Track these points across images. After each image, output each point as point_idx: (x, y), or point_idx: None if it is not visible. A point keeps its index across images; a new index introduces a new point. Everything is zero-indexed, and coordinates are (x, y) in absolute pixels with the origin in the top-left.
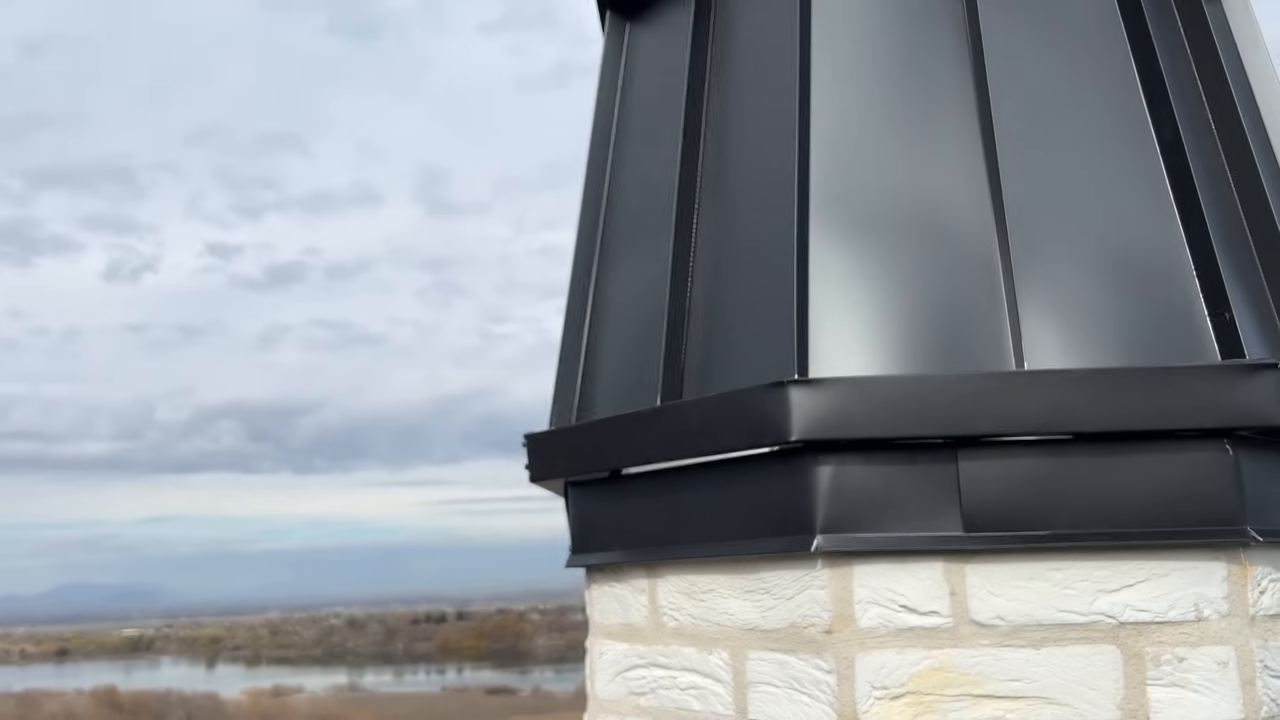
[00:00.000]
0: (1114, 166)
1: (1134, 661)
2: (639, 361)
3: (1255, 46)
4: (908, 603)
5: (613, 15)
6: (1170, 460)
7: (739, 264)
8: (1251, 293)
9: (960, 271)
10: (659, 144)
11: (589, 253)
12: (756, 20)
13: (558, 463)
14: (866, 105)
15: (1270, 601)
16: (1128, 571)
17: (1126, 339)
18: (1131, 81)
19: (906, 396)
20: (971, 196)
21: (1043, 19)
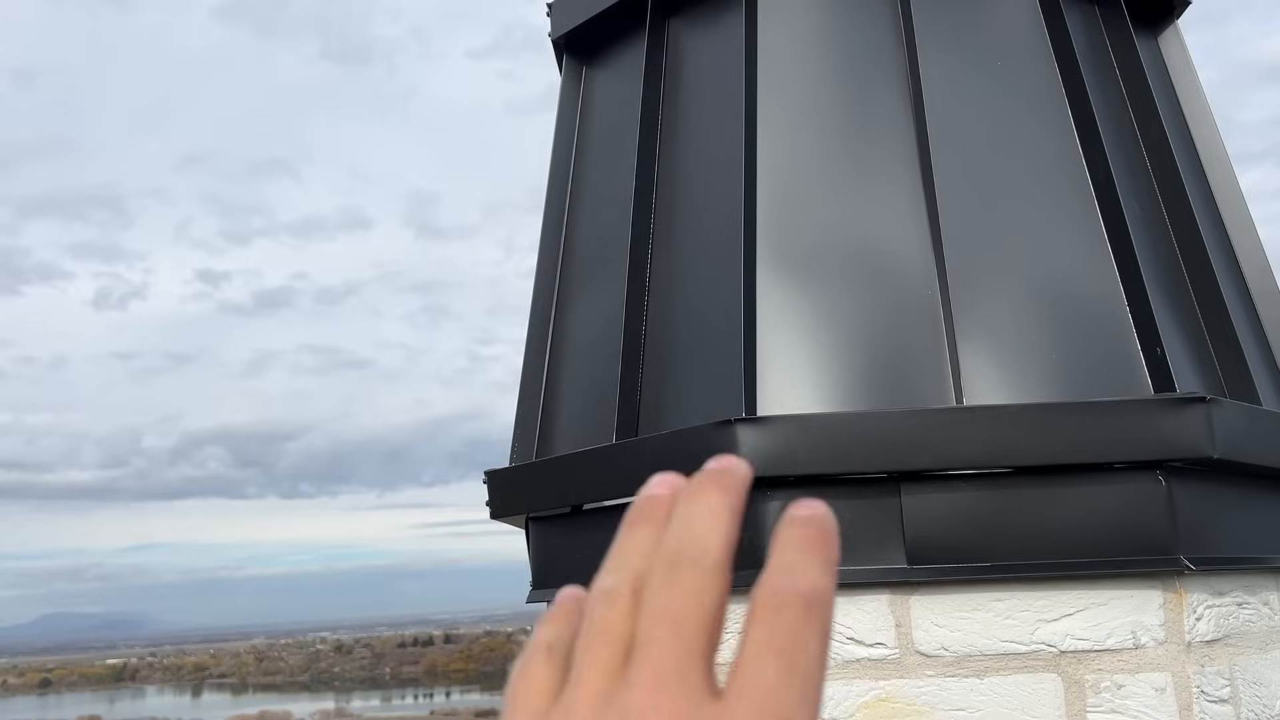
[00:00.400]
0: (1049, 207)
1: (1074, 689)
2: (596, 399)
3: (1191, 84)
4: (854, 634)
5: (569, 58)
6: (1105, 492)
7: (690, 303)
8: (1186, 327)
9: (901, 311)
10: (614, 185)
11: (548, 292)
12: (705, 65)
13: (518, 499)
14: (811, 149)
15: (1206, 628)
16: (1067, 601)
17: (1062, 374)
18: (1066, 124)
19: (849, 433)
20: (912, 238)
21: (980, 65)
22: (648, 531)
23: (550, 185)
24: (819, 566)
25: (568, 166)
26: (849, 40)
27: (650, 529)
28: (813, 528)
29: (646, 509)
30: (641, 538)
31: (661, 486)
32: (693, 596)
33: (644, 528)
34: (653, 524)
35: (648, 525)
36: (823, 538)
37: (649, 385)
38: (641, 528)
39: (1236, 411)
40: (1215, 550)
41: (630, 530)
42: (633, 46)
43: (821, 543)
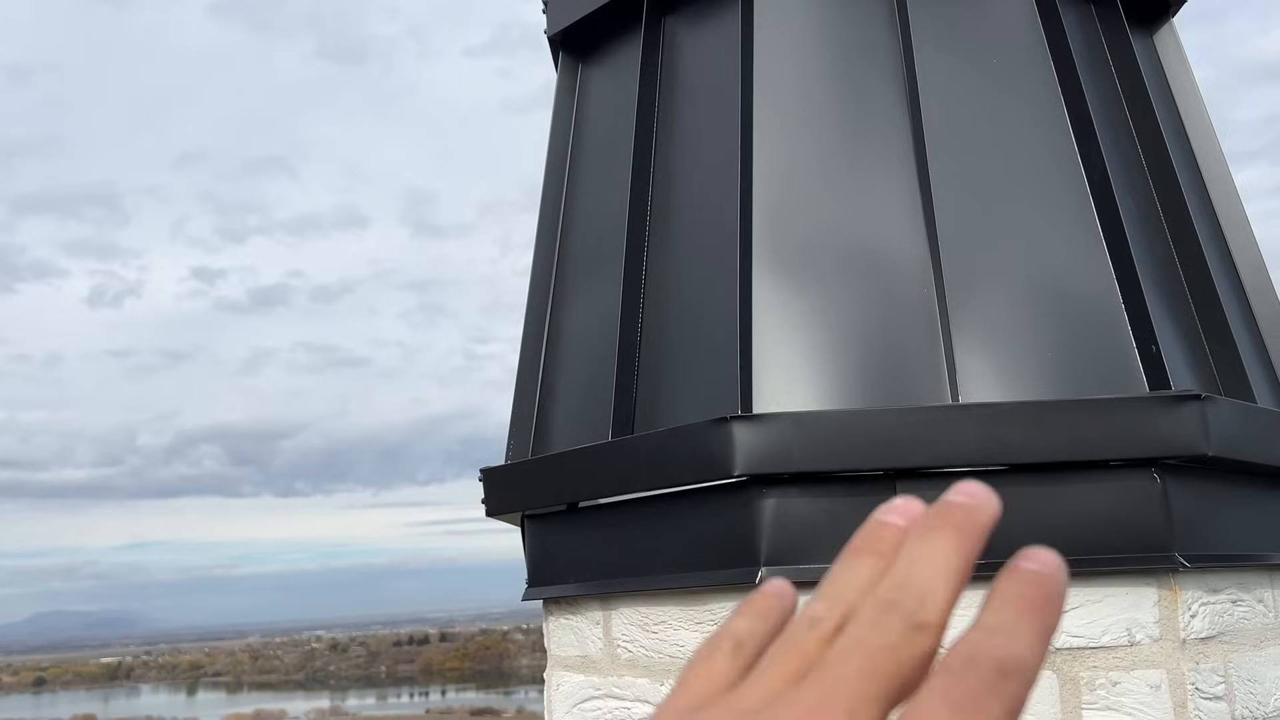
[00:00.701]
0: (1045, 205)
1: (1070, 686)
2: (592, 396)
3: (1186, 82)
4: None
5: (565, 55)
6: (1100, 489)
7: (686, 301)
8: (1181, 324)
9: (897, 309)
10: (610, 183)
11: (543, 290)
12: (701, 62)
13: (513, 497)
14: (807, 147)
15: (1201, 625)
16: None
17: (1057, 371)
18: (1062, 122)
19: (845, 430)
20: (907, 236)
21: (976, 64)
22: (870, 564)
23: (546, 182)
24: (1031, 634)
25: (563, 163)
26: (845, 38)
27: (873, 562)
28: (1037, 587)
29: (874, 538)
30: (862, 570)
31: (894, 514)
32: (895, 646)
33: (867, 559)
34: (877, 556)
35: (871, 557)
36: (1046, 602)
37: (645, 383)
38: (864, 559)
39: (1231, 409)
40: (1210, 548)
41: (852, 559)
42: (629, 44)
43: (1043, 607)
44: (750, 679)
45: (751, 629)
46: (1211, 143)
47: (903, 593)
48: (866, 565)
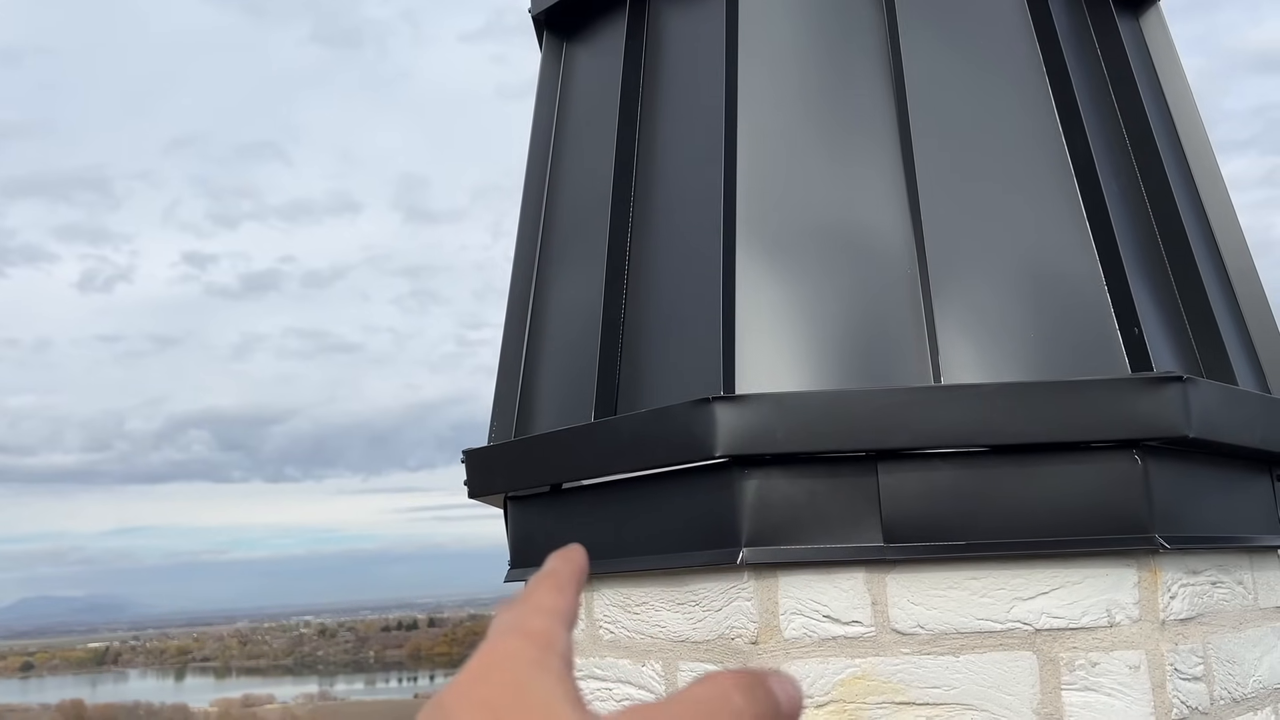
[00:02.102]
0: (1029, 188)
1: (1049, 667)
2: (575, 378)
3: (1172, 65)
4: (831, 613)
5: (549, 35)
6: (1082, 471)
7: (669, 282)
8: (1164, 307)
9: (880, 290)
10: (594, 163)
11: (527, 272)
12: (686, 43)
13: (496, 478)
14: (791, 129)
15: (1180, 606)
16: (1042, 579)
17: (1040, 354)
18: (1047, 105)
19: (827, 412)
20: (892, 217)
21: (962, 45)
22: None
23: (530, 163)
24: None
25: (547, 144)
26: (830, 20)
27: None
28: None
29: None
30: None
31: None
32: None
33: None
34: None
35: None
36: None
37: (628, 364)
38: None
39: (1213, 391)
40: (1190, 529)
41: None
42: (613, 24)
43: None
44: None
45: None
46: (1196, 127)
47: (542, 570)
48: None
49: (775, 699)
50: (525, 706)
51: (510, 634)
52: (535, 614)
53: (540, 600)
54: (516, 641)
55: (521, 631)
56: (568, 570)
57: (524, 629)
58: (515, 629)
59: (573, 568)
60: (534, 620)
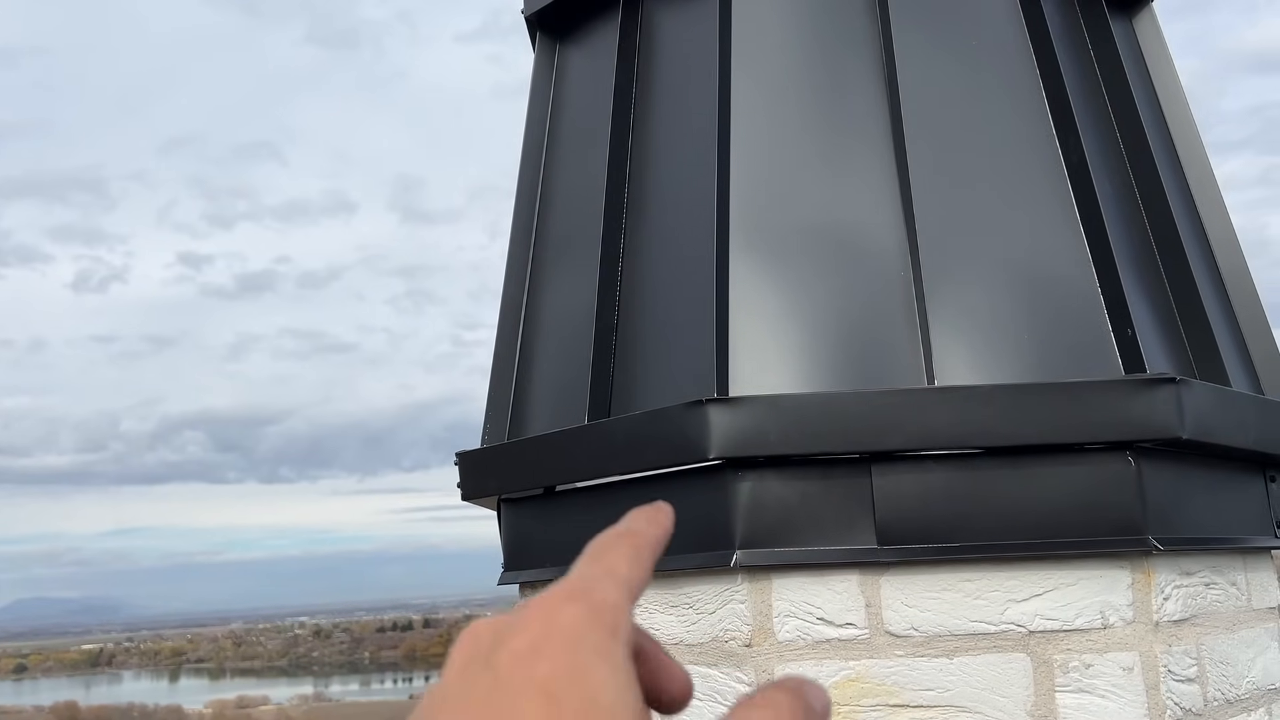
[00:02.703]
0: (1022, 189)
1: (1043, 669)
2: (569, 379)
3: (1165, 66)
4: (825, 615)
5: (542, 35)
6: (1076, 472)
7: (663, 283)
8: (1158, 308)
9: (874, 292)
10: (587, 164)
11: (520, 273)
12: (679, 44)
13: (489, 480)
14: (785, 131)
15: (1174, 608)
16: (1036, 581)
17: (1033, 355)
18: (1040, 106)
19: (821, 413)
20: (885, 219)
21: (955, 46)
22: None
23: (523, 164)
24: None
25: (540, 146)
26: (824, 22)
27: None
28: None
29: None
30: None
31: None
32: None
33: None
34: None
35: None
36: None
37: (621, 366)
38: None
39: (1206, 392)
40: (1184, 531)
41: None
42: (606, 25)
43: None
44: None
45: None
46: (1190, 128)
47: (618, 527)
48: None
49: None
50: (589, 704)
51: (576, 600)
52: (607, 581)
53: (615, 564)
54: (582, 614)
55: (589, 602)
56: (650, 534)
57: (592, 599)
58: (583, 595)
59: (657, 532)
60: (604, 590)
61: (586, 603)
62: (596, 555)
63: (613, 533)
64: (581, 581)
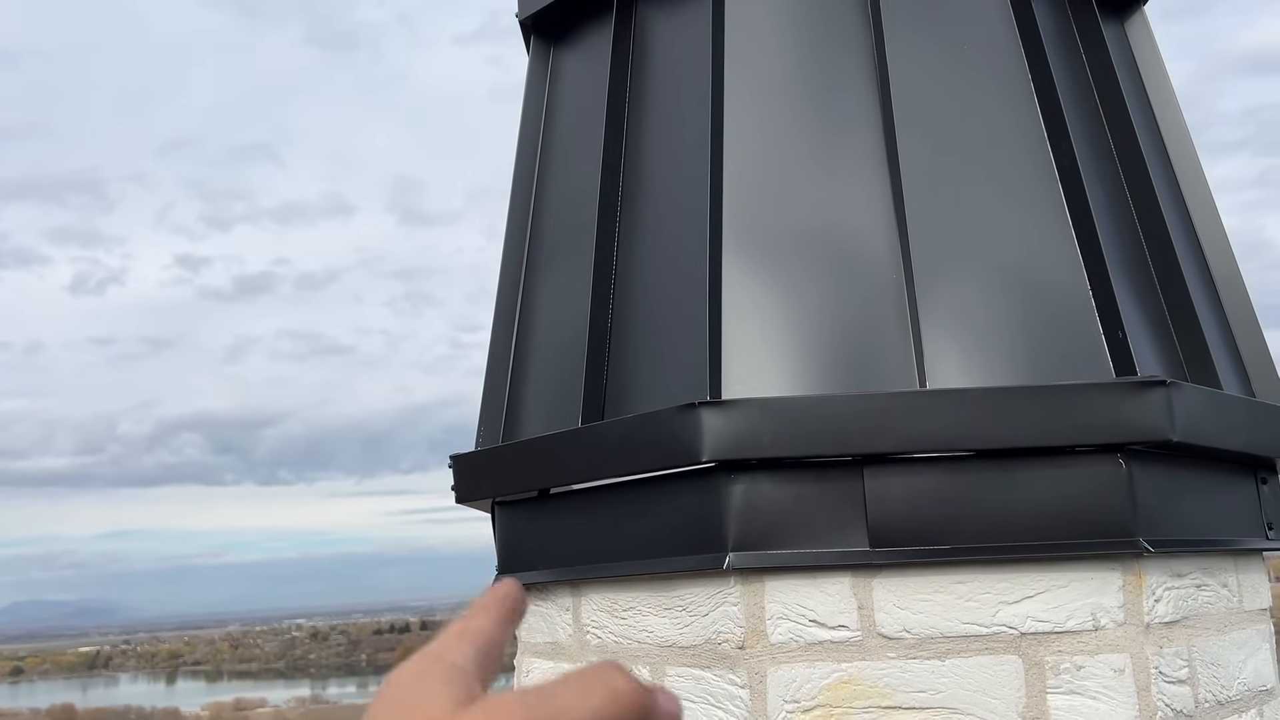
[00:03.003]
0: (1014, 193)
1: (1035, 670)
2: (563, 382)
3: (1156, 69)
4: (817, 617)
5: (536, 39)
6: (1067, 475)
7: (656, 286)
8: (1149, 311)
9: (866, 295)
10: (581, 168)
11: (514, 276)
12: (672, 48)
13: (483, 483)
14: (777, 134)
15: (1165, 610)
16: (1028, 583)
17: (1025, 358)
18: (1032, 109)
19: (813, 416)
20: (877, 222)
21: (947, 50)
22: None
23: (517, 167)
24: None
25: (535, 149)
26: (816, 25)
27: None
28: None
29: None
30: None
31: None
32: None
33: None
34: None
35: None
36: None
37: (615, 369)
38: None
39: (1196, 395)
40: (1175, 533)
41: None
42: (600, 28)
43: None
44: None
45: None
46: (1181, 131)
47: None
48: None
49: (654, 696)
50: (404, 706)
51: (414, 657)
52: (440, 637)
53: (451, 627)
54: (413, 660)
55: (420, 652)
56: (489, 598)
57: (423, 651)
58: (418, 653)
59: (496, 596)
60: (436, 642)
61: (419, 653)
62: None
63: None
64: (425, 649)
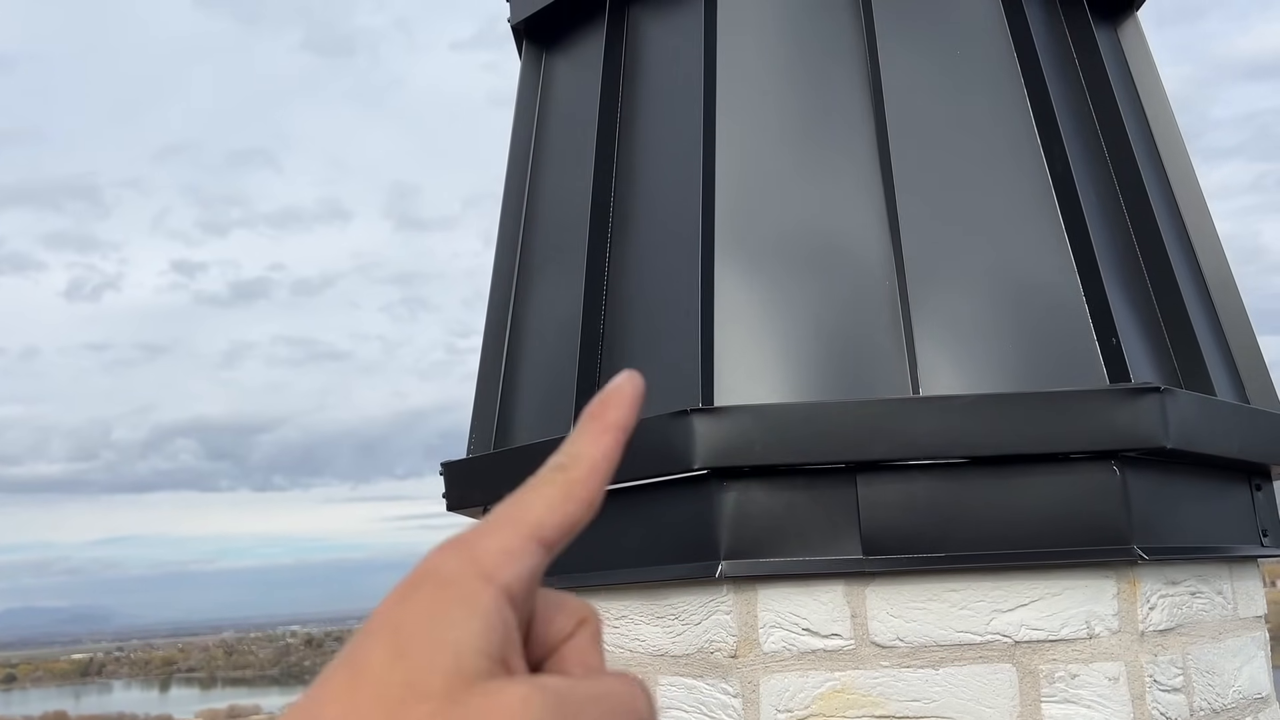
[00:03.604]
0: (1007, 199)
1: (1029, 679)
2: (555, 389)
3: (1150, 75)
4: (810, 625)
5: (529, 44)
6: (1061, 482)
7: (649, 293)
8: (1142, 317)
9: (859, 301)
10: (573, 174)
11: (506, 282)
12: (665, 53)
13: (474, 491)
14: (770, 140)
15: (1159, 617)
16: (1022, 591)
17: (1018, 364)
18: (1025, 115)
19: (806, 423)
20: (870, 229)
21: (939, 56)
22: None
23: (509, 174)
24: (585, 437)
25: (527, 154)
26: (808, 30)
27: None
28: (598, 402)
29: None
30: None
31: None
32: (544, 481)
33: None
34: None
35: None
36: (602, 409)
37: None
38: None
39: (1190, 401)
40: (1169, 540)
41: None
42: (592, 34)
43: (599, 414)
44: None
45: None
46: (1174, 137)
47: (561, 452)
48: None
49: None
50: (432, 648)
51: (455, 549)
52: (504, 529)
53: (530, 507)
54: (455, 562)
55: (468, 551)
56: (590, 460)
57: (474, 548)
58: (464, 545)
59: (601, 449)
60: (493, 538)
61: (465, 551)
62: (519, 495)
63: (549, 465)
64: (474, 528)
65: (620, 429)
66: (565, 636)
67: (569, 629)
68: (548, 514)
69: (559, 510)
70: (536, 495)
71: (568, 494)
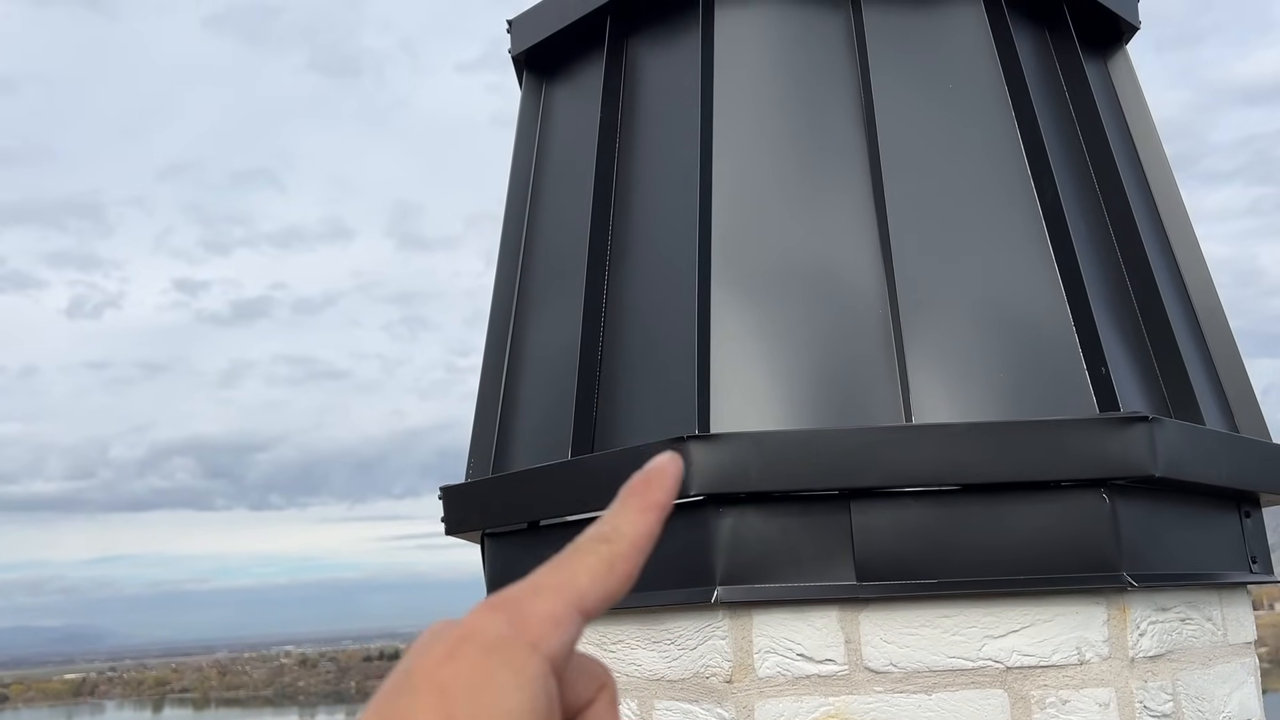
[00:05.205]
0: (998, 229)
1: (1020, 704)
2: (553, 415)
3: (1139, 106)
4: (805, 651)
5: (529, 74)
6: (1051, 509)
7: (646, 321)
8: (1132, 346)
9: (853, 330)
10: (572, 202)
11: (505, 309)
12: (662, 84)
13: (473, 515)
14: (765, 170)
15: (1149, 644)
16: (1013, 617)
17: (1010, 393)
18: (1015, 147)
19: (800, 450)
20: (863, 259)
21: (931, 88)
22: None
23: (509, 201)
24: (628, 511)
25: (526, 183)
26: (804, 62)
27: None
28: (641, 479)
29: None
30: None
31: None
32: (585, 550)
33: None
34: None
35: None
36: (645, 486)
37: (605, 402)
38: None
39: (1179, 430)
40: (1158, 567)
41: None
42: (591, 65)
43: (642, 490)
44: None
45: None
46: (1164, 168)
47: (603, 524)
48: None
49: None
50: (484, 710)
51: (501, 610)
52: (547, 595)
53: (575, 575)
54: (502, 625)
55: (514, 613)
56: (632, 536)
57: (520, 610)
58: (510, 606)
59: (642, 528)
60: (538, 602)
61: (511, 613)
62: (562, 562)
63: (590, 535)
64: (518, 591)
65: (661, 509)
66: (587, 702)
67: (591, 695)
68: (590, 585)
69: (602, 582)
70: (581, 565)
71: (611, 567)
